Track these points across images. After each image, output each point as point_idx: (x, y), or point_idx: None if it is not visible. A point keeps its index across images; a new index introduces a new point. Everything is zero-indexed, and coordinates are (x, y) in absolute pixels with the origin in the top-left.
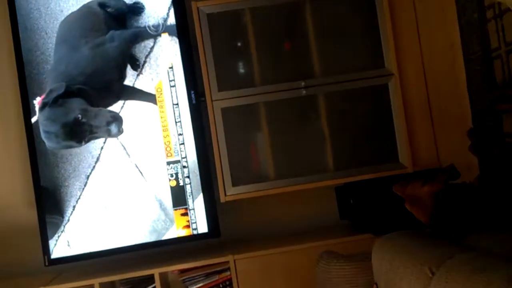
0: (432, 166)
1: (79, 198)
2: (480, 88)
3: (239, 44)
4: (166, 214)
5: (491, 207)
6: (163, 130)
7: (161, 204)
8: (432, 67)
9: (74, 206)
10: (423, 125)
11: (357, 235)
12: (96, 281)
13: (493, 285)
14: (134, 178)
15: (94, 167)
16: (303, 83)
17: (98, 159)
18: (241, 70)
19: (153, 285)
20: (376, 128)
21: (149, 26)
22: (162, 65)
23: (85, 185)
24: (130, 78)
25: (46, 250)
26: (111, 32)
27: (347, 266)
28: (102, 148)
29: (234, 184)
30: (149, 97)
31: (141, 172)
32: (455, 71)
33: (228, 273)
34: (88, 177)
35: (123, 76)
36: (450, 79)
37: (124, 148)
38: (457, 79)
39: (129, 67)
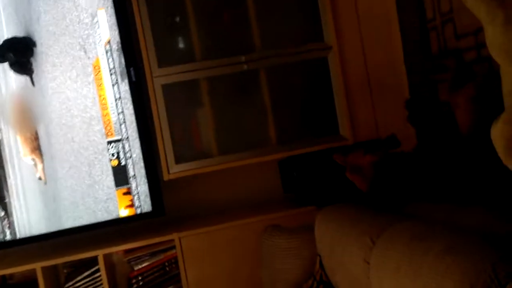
0: (372, 137)
1: (17, 179)
2: (416, 59)
3: (178, 19)
4: (108, 194)
5: (429, 176)
6: (102, 109)
7: (102, 184)
8: (370, 40)
9: (12, 189)
10: (362, 97)
11: (301, 208)
12: (38, 265)
13: (431, 253)
14: (75, 158)
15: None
16: (243, 58)
17: (37, 137)
18: (181, 46)
19: (97, 267)
20: (316, 102)
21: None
22: (99, 42)
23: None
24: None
25: None
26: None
27: (291, 239)
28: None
29: (177, 161)
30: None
31: (81, 152)
32: (392, 43)
33: (174, 251)
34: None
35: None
36: (387, 51)
37: (63, 127)
38: (394, 51)
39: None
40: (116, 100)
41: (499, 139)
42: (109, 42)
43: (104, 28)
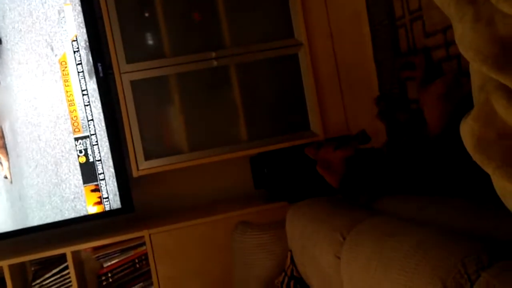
0: (342, 133)
1: None
2: (386, 56)
3: (146, 14)
4: (76, 193)
5: (398, 171)
6: (70, 106)
7: (69, 183)
8: (340, 37)
9: None
10: (333, 93)
11: (272, 203)
12: (4, 263)
13: (401, 249)
14: (41, 157)
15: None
16: (213, 54)
17: (3, 135)
18: (150, 41)
19: (65, 264)
20: (287, 98)
21: None
22: (66, 39)
23: None
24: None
25: None
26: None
27: (262, 235)
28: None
29: (147, 158)
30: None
31: (48, 151)
32: (362, 40)
33: (144, 248)
34: None
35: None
36: (357, 48)
37: (29, 125)
38: (364, 48)
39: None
40: (83, 96)
41: (469, 136)
42: (76, 38)
43: (71, 25)
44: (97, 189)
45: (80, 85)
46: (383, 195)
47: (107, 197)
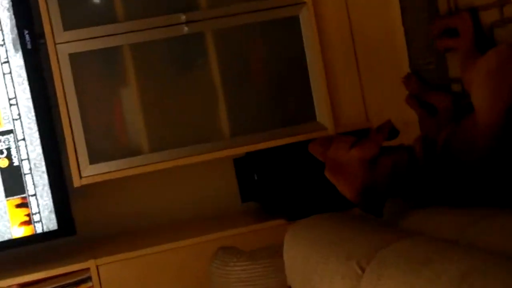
0: (360, 126)
1: None
2: (419, 20)
3: None
4: None
5: (436, 177)
6: None
7: None
8: None
9: None
10: (346, 71)
11: (265, 222)
12: None
13: (441, 282)
14: None
15: None
16: (183, 17)
17: None
18: (96, 1)
19: None
20: (284, 78)
21: None
22: None
23: None
24: None
25: None
26: None
27: (251, 265)
28: None
29: (93, 161)
30: None
31: None
32: None
33: (90, 283)
34: None
35: None
36: (380, 9)
37: None
38: (389, 10)
39: None
40: (4, 76)
41: None
42: None
43: None
44: (24, 204)
45: (0, 60)
46: (414, 208)
47: (39, 215)
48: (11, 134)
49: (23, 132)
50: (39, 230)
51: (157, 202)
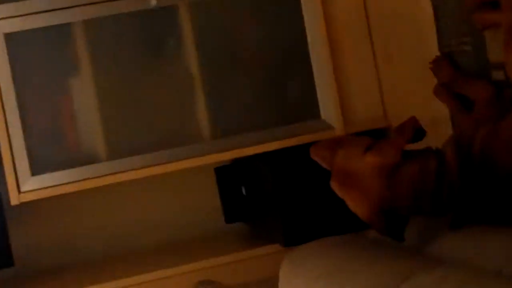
0: (376, 126)
1: None
2: None
3: None
4: None
5: (476, 190)
6: None
7: None
8: None
9: None
10: (359, 56)
11: (254, 248)
12: None
13: None
14: None
15: None
16: None
17: None
18: None
19: None
20: (280, 65)
21: None
22: None
23: None
24: None
25: None
26: None
27: None
28: None
29: (35, 171)
30: None
31: None
32: None
33: None
34: None
35: None
36: None
37: None
38: None
39: None
40: None
41: None
42: None
43: None
44: None
45: None
46: (445, 229)
47: None
48: None
49: None
50: None
51: (117, 224)
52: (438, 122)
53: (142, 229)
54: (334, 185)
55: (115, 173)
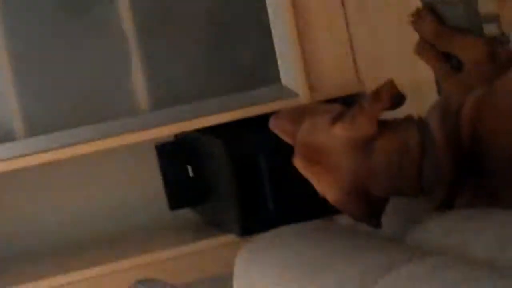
0: (348, 91)
1: None
2: None
3: None
4: None
5: (466, 166)
6: None
7: None
8: None
9: None
10: (326, 9)
11: (204, 239)
12: None
13: None
14: None
15: None
16: None
17: None
18: None
19: None
20: (231, 21)
21: None
22: None
23: None
24: None
25: None
26: None
27: None
28: None
29: None
30: None
31: None
32: None
33: None
34: None
35: None
36: None
37: None
38: None
39: None
40: None
41: None
42: None
43: None
44: None
45: None
46: (431, 213)
47: None
48: None
49: None
50: None
51: (40, 213)
52: (421, 86)
53: (71, 219)
54: (298, 163)
55: (35, 152)
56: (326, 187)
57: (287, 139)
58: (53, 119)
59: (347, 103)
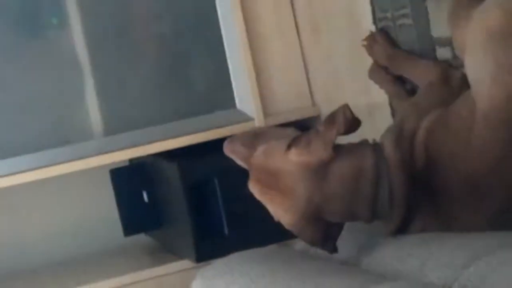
0: (302, 115)
1: None
2: None
3: None
4: None
5: (420, 189)
6: None
7: None
8: None
9: None
10: (281, 32)
11: (160, 265)
12: None
13: None
14: None
15: None
16: None
17: None
18: None
19: None
20: (186, 44)
21: None
22: None
23: None
24: None
25: None
26: None
27: None
28: None
29: None
30: None
31: None
32: None
33: None
34: None
35: None
36: None
37: None
38: None
39: None
40: None
41: None
42: None
43: None
44: None
45: None
46: (386, 237)
47: None
48: None
49: None
50: None
51: None
52: (375, 110)
53: (24, 244)
54: (253, 187)
55: None
56: (281, 212)
57: (241, 163)
58: (5, 145)
59: (300, 127)
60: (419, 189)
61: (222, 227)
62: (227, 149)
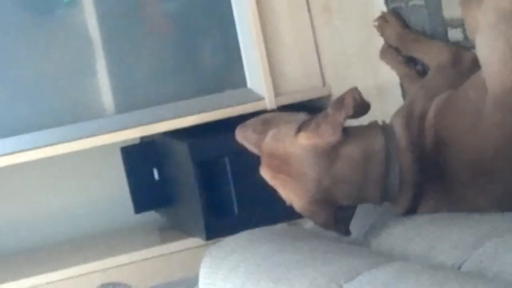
0: (312, 96)
1: None
2: None
3: None
4: None
5: (430, 170)
6: None
7: None
8: None
9: None
10: (292, 13)
11: (170, 242)
12: None
13: None
14: None
15: None
16: None
17: None
18: None
19: None
20: (197, 24)
21: None
22: None
23: None
24: None
25: None
26: None
27: None
28: None
29: None
30: None
31: None
32: None
33: None
34: None
35: None
36: None
37: None
38: None
39: None
40: None
41: None
42: None
43: None
44: None
45: None
46: (398, 219)
47: None
48: None
49: None
50: None
51: (5, 217)
52: (386, 91)
53: (35, 222)
54: (264, 173)
55: None
56: (293, 196)
57: (253, 149)
58: (17, 122)
59: (313, 110)
60: (429, 170)
61: (232, 205)
62: (239, 136)
